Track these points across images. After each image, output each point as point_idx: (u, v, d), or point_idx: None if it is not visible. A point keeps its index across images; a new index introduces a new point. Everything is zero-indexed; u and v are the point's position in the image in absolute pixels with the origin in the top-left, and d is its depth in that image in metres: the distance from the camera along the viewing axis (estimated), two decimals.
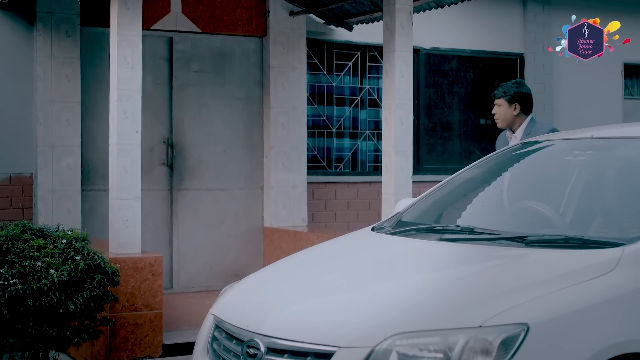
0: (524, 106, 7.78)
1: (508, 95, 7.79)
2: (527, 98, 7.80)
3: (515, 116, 7.79)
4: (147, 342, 7.89)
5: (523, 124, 7.79)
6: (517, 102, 7.76)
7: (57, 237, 6.97)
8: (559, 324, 3.91)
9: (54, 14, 9.61)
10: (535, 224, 5.24)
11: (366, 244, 5.44)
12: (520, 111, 7.78)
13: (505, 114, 7.82)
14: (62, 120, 9.65)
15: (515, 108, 7.76)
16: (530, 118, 7.81)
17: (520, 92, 7.79)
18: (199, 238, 10.52)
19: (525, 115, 7.80)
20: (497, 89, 7.92)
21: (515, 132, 7.79)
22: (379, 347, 3.93)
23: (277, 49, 10.74)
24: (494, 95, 7.93)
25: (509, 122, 7.84)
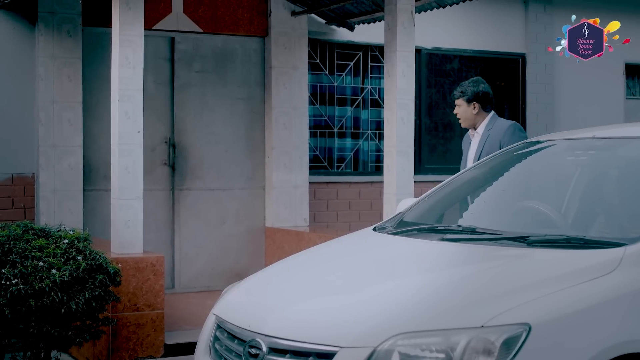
0: (483, 104, 7.82)
1: (466, 95, 7.83)
2: (485, 96, 7.82)
3: (476, 115, 7.83)
4: (149, 342, 7.89)
5: (484, 121, 7.83)
6: (475, 102, 7.80)
7: (58, 237, 6.98)
8: (561, 324, 3.91)
9: (55, 14, 9.61)
10: (537, 224, 5.24)
11: (368, 244, 5.44)
12: (480, 109, 7.83)
13: (466, 113, 7.87)
14: (64, 120, 9.65)
15: (474, 107, 7.81)
16: (492, 115, 7.84)
17: (478, 91, 7.82)
18: (200, 238, 10.52)
19: (486, 113, 7.85)
20: (456, 89, 7.97)
21: (477, 129, 7.84)
22: (380, 347, 3.93)
23: (278, 49, 10.74)
24: (453, 96, 7.97)
25: (470, 122, 7.88)
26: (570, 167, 5.69)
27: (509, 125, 7.69)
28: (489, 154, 7.57)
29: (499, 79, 12.68)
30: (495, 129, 7.71)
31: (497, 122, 7.79)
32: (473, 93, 7.81)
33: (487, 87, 7.90)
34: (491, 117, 7.84)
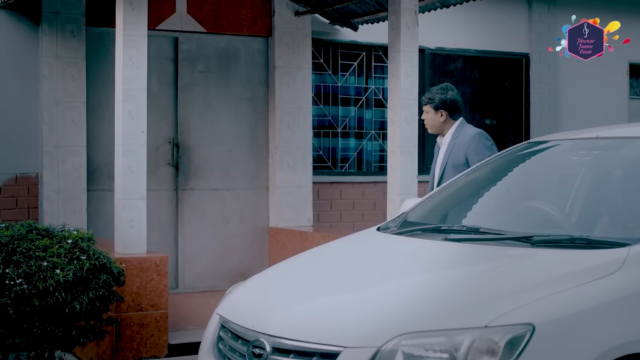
0: (450, 112, 7.71)
1: (433, 102, 7.72)
2: (453, 104, 7.71)
3: (443, 122, 7.73)
4: (153, 342, 7.89)
5: (451, 129, 7.73)
6: (443, 109, 7.70)
7: (62, 237, 6.98)
8: (565, 324, 3.90)
9: (59, 14, 9.62)
10: (540, 224, 5.23)
11: (372, 244, 5.44)
12: (448, 117, 7.72)
13: (433, 120, 7.77)
14: (68, 120, 9.66)
15: (441, 115, 7.71)
16: (460, 122, 7.73)
17: (446, 98, 7.70)
18: (204, 238, 10.52)
19: (454, 120, 7.74)
20: (424, 95, 7.87)
21: (444, 137, 7.74)
22: (384, 347, 3.92)
23: (282, 49, 10.75)
24: (421, 102, 7.90)
25: (437, 128, 7.79)
26: (574, 167, 5.69)
27: (474, 135, 7.57)
28: (454, 164, 7.53)
29: (503, 79, 12.68)
30: (461, 138, 7.60)
31: (464, 130, 7.67)
32: (441, 100, 7.69)
33: (455, 94, 7.77)
34: (458, 124, 7.72)
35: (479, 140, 7.53)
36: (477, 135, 7.56)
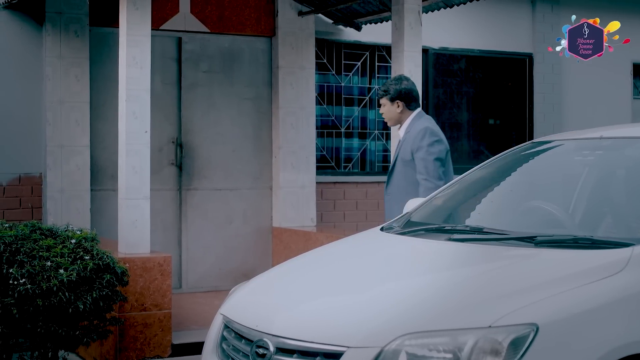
0: (407, 102, 7.62)
1: (389, 94, 7.65)
2: (408, 94, 7.63)
3: (400, 113, 7.65)
4: (156, 342, 7.90)
5: (408, 120, 7.64)
6: (398, 100, 7.61)
7: (66, 237, 6.99)
8: (569, 324, 3.90)
9: (63, 14, 9.63)
10: (544, 224, 5.23)
11: (375, 244, 5.44)
12: (405, 107, 7.63)
13: (390, 112, 7.69)
14: (71, 120, 9.67)
15: (398, 105, 7.62)
16: (417, 113, 7.64)
17: (400, 89, 7.63)
18: (207, 238, 10.52)
19: (411, 111, 7.64)
20: (380, 88, 7.80)
21: (400, 129, 7.68)
22: (388, 347, 3.93)
23: (285, 49, 10.75)
24: (377, 95, 7.82)
25: (395, 121, 7.71)
26: (578, 167, 5.68)
27: (419, 130, 7.46)
28: (403, 159, 7.44)
29: (506, 79, 12.68)
30: (411, 132, 7.51)
31: (416, 124, 7.55)
32: (396, 91, 7.62)
33: (410, 84, 7.69)
34: (414, 116, 7.62)
35: (423, 137, 7.41)
36: (423, 131, 7.44)
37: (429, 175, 7.31)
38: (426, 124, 7.55)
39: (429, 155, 7.35)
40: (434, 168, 7.34)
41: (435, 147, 7.40)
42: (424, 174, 7.34)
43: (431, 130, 7.46)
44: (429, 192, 6.99)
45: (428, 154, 7.35)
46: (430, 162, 7.34)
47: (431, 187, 7.15)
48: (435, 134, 7.47)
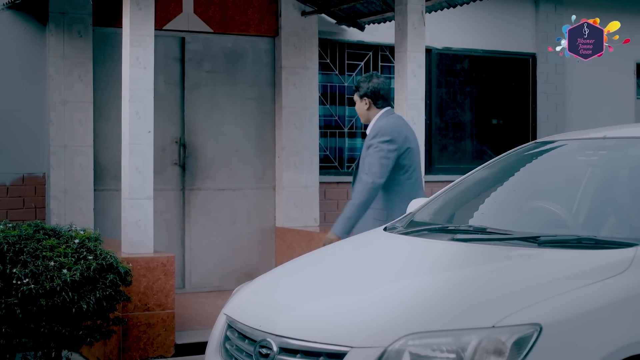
0: (374, 100, 7.53)
1: (358, 91, 7.61)
2: (376, 92, 7.52)
3: (368, 111, 7.57)
4: (160, 342, 7.90)
5: (374, 119, 7.55)
6: (366, 97, 7.54)
7: (69, 237, 6.99)
8: (572, 324, 3.90)
9: (66, 14, 9.63)
10: (547, 224, 5.23)
11: (378, 244, 5.44)
12: (372, 105, 7.55)
13: (359, 109, 7.64)
14: (75, 120, 9.67)
15: (365, 103, 7.55)
16: (384, 112, 7.53)
17: (369, 86, 7.55)
18: (211, 238, 10.52)
19: (378, 109, 7.54)
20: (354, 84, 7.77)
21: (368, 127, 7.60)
22: (391, 347, 3.92)
23: (289, 49, 10.75)
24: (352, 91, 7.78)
25: (365, 117, 7.63)
26: (581, 167, 5.68)
27: (372, 129, 7.44)
28: (363, 159, 7.35)
29: (510, 79, 12.67)
30: (375, 129, 7.44)
31: (384, 120, 7.47)
32: (364, 89, 7.55)
33: (380, 82, 7.58)
34: (381, 114, 7.52)
35: (375, 135, 7.34)
36: (375, 130, 7.39)
37: (370, 173, 7.20)
38: (383, 122, 7.47)
39: (375, 154, 7.26)
40: (377, 166, 7.20)
41: (384, 146, 7.27)
42: (366, 170, 7.28)
43: (383, 130, 7.35)
44: (365, 191, 7.12)
45: (375, 152, 7.27)
46: (375, 160, 7.23)
47: (368, 185, 7.15)
48: (386, 133, 7.32)
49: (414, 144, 7.40)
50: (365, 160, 7.32)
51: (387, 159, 7.20)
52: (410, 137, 7.40)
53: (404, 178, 7.30)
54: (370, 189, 7.13)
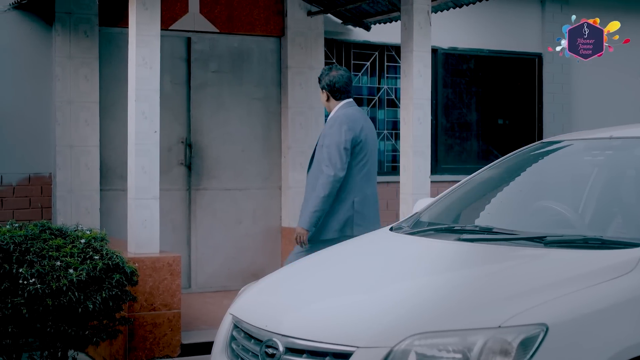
0: (331, 92, 7.73)
1: (319, 82, 7.83)
2: (332, 85, 7.72)
3: (327, 102, 7.78)
4: (166, 342, 7.90)
5: (334, 110, 7.74)
6: (324, 89, 7.75)
7: (75, 237, 7.00)
8: (578, 324, 3.90)
9: (72, 15, 9.64)
10: (554, 224, 5.23)
11: (384, 244, 5.44)
12: (330, 97, 7.76)
13: (321, 100, 7.87)
14: (81, 120, 9.68)
15: (325, 94, 7.76)
16: (343, 104, 7.72)
17: (326, 79, 7.76)
18: (217, 238, 10.53)
19: (336, 101, 7.75)
20: None
21: None
22: (397, 347, 3.93)
23: (295, 49, 10.75)
24: None
25: (327, 108, 7.84)
26: (588, 167, 5.68)
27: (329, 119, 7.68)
28: (321, 148, 7.55)
29: (516, 79, 12.66)
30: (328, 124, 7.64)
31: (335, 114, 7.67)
32: (322, 81, 7.76)
33: (338, 75, 7.74)
34: (340, 106, 7.69)
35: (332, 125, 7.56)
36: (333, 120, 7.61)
37: (331, 165, 7.43)
38: (340, 113, 7.62)
39: (333, 145, 7.44)
40: (337, 158, 7.42)
41: (342, 137, 7.47)
42: (326, 162, 7.44)
43: (341, 120, 7.52)
44: (328, 184, 7.40)
45: (333, 142, 7.44)
46: (334, 151, 7.45)
47: (330, 178, 7.41)
48: (344, 123, 7.52)
49: (370, 137, 7.61)
50: (323, 150, 7.50)
51: (346, 149, 7.44)
52: (367, 129, 7.61)
53: (356, 169, 7.54)
54: (332, 182, 7.40)
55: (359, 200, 7.57)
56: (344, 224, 7.54)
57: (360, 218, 7.56)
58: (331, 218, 7.53)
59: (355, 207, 7.56)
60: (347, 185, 7.52)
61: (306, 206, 7.58)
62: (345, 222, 7.55)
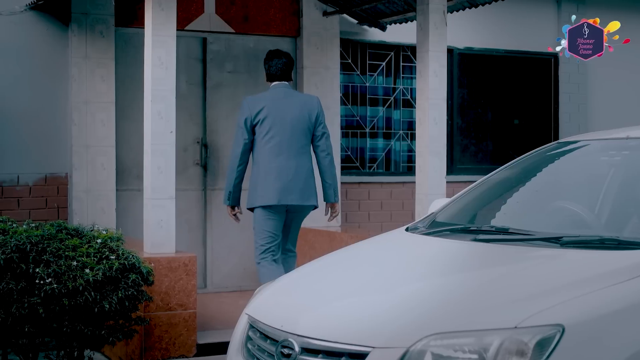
0: (267, 76, 8.56)
1: None
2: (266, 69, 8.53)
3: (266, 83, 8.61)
4: (181, 342, 7.92)
5: None
6: None
7: (92, 237, 7.02)
8: (595, 325, 3.88)
9: (88, 15, 9.67)
10: (570, 225, 5.21)
11: (400, 244, 5.44)
12: (267, 81, 8.59)
13: None
14: (97, 120, 9.70)
15: None
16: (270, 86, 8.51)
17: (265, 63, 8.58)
18: (232, 238, 10.53)
19: (269, 84, 8.54)
20: None
21: None
22: (413, 347, 3.92)
23: (310, 49, 10.75)
24: None
25: None
26: (604, 167, 5.66)
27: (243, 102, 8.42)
28: None
29: (532, 79, 12.64)
30: None
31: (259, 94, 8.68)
32: None
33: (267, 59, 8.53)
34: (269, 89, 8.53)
35: None
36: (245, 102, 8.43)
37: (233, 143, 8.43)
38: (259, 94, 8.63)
39: None
40: (235, 137, 8.37)
41: (238, 118, 8.36)
42: None
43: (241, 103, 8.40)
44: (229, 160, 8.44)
45: None
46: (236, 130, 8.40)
47: (230, 155, 8.46)
48: (241, 106, 8.36)
49: (275, 113, 8.26)
50: None
51: (239, 127, 8.30)
52: (272, 107, 8.28)
53: (262, 143, 8.25)
54: (231, 158, 8.40)
55: (265, 171, 8.23)
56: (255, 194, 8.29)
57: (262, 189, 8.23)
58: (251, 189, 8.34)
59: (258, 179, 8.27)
60: (256, 159, 8.34)
61: None
62: (256, 191, 8.28)
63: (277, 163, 8.21)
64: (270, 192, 8.18)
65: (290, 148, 8.25)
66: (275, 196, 8.17)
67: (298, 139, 8.29)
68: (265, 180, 8.21)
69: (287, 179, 8.21)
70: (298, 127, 8.28)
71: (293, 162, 8.25)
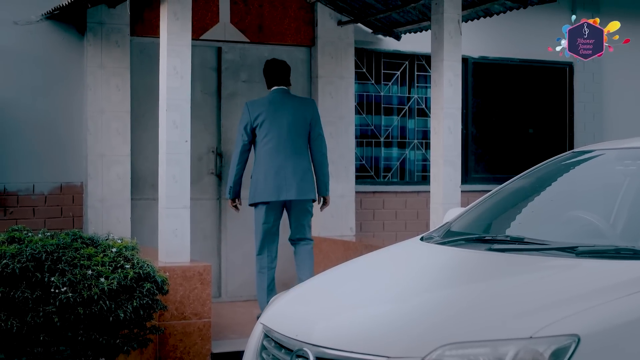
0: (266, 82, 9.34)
1: None
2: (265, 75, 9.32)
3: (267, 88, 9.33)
4: (196, 351, 7.92)
5: None
6: None
7: (107, 246, 7.03)
8: (611, 335, 3.87)
9: (104, 25, 9.70)
10: (585, 234, 5.20)
11: (415, 253, 5.43)
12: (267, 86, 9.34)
13: None
14: (112, 129, 9.73)
15: None
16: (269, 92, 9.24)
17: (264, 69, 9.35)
18: (247, 247, 10.52)
19: (268, 89, 9.29)
20: None
21: None
22: (428, 357, 3.91)
23: (325, 59, 10.76)
24: None
25: None
26: (619, 176, 5.64)
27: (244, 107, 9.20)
28: None
29: (547, 88, 12.61)
30: None
31: None
32: None
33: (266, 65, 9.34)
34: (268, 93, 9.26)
35: None
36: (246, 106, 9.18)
37: None
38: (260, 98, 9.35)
39: None
40: (237, 137, 9.12)
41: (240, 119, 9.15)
42: None
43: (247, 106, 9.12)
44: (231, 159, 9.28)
45: None
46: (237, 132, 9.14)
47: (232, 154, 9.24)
48: (244, 109, 9.11)
49: (272, 117, 8.97)
50: None
51: (239, 130, 9.04)
52: (270, 111, 9.00)
53: (261, 145, 8.96)
54: (232, 158, 9.16)
55: (265, 171, 8.90)
56: (256, 191, 8.98)
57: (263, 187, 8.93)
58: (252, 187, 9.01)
59: (259, 178, 8.95)
60: (256, 160, 9.03)
61: None
62: (257, 189, 8.97)
63: (276, 163, 8.92)
64: (270, 189, 8.89)
65: (287, 149, 8.96)
66: (274, 193, 8.90)
67: (294, 140, 9.01)
68: (265, 179, 8.91)
69: (285, 177, 8.92)
70: (294, 130, 9.03)
71: (290, 162, 8.94)
